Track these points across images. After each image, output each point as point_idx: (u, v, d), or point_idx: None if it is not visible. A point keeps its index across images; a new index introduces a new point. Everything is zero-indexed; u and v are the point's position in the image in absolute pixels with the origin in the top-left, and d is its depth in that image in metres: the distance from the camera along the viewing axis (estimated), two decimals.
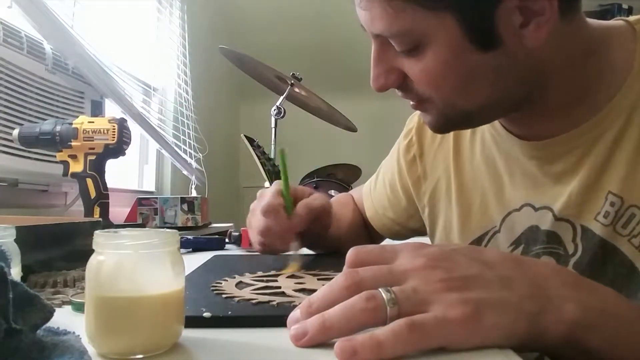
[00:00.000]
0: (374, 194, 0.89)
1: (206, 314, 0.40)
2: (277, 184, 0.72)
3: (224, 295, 0.46)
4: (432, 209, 0.76)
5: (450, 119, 0.58)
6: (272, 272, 0.58)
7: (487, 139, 0.68)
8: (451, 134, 0.73)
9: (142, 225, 1.21)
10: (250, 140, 1.72)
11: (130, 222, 1.26)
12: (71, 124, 0.99)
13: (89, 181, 0.99)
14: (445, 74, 0.52)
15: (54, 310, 0.31)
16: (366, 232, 0.92)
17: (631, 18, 0.58)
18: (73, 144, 0.98)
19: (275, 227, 0.69)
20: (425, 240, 0.78)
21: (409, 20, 0.50)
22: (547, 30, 0.50)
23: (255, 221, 0.72)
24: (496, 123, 0.65)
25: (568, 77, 0.56)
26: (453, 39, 0.50)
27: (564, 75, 0.55)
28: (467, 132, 0.71)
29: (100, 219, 0.94)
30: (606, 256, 0.55)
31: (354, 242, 0.64)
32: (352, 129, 2.11)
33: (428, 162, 0.76)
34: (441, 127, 0.61)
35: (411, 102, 0.59)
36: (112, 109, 1.54)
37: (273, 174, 1.72)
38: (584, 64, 0.56)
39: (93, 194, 0.99)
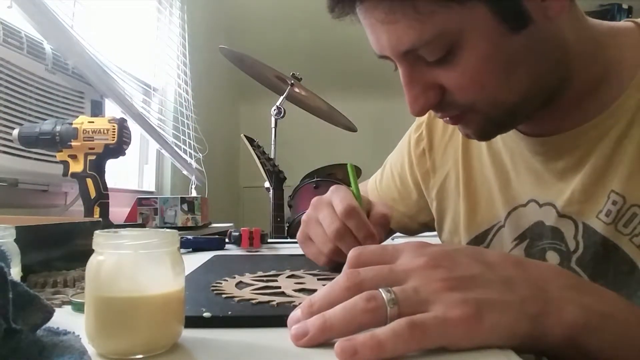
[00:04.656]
0: (381, 188, 0.88)
1: (206, 314, 0.39)
2: (345, 192, 0.63)
3: (224, 295, 0.46)
4: (440, 202, 0.76)
5: (494, 121, 0.56)
6: (272, 272, 0.58)
7: None
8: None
9: (142, 225, 1.21)
10: (250, 140, 1.72)
11: (130, 222, 1.26)
12: (71, 124, 0.99)
13: (89, 181, 0.99)
14: (487, 68, 0.51)
15: (54, 310, 0.31)
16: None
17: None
18: (73, 144, 0.98)
19: (358, 230, 0.58)
20: (435, 239, 0.78)
21: (440, 22, 0.48)
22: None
23: (327, 226, 0.60)
24: None
25: (584, 68, 0.55)
26: (488, 27, 0.49)
27: (581, 65, 0.55)
28: None
29: (100, 219, 0.94)
30: (607, 254, 0.56)
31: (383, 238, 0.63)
32: (352, 129, 2.11)
33: (437, 157, 0.76)
34: (487, 132, 0.58)
35: (448, 119, 0.57)
36: (112, 109, 1.54)
37: (273, 174, 1.72)
38: (595, 58, 0.56)
39: (93, 194, 0.99)
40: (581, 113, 0.57)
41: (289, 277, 0.56)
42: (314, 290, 0.47)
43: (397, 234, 0.92)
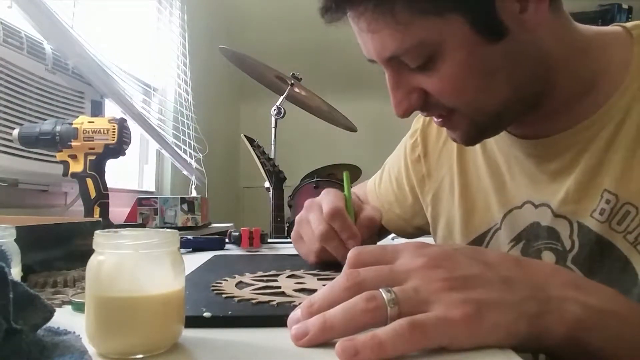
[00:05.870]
0: (379, 189, 0.89)
1: (206, 314, 0.40)
2: (335, 195, 0.66)
3: (224, 295, 0.46)
4: (435, 207, 0.77)
5: (480, 126, 0.58)
6: (272, 272, 0.58)
7: (488, 139, 0.69)
8: None
9: (142, 225, 1.21)
10: (250, 140, 1.72)
11: (130, 222, 1.26)
12: (71, 124, 0.99)
13: (89, 181, 0.99)
14: (465, 75, 0.53)
15: (54, 310, 0.31)
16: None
17: (627, 24, 0.60)
18: (73, 144, 0.98)
19: (342, 231, 0.62)
20: (429, 240, 0.79)
21: (419, 31, 0.51)
22: (543, 12, 0.52)
23: (315, 227, 0.64)
24: None
25: (569, 74, 0.57)
26: (465, 38, 0.51)
27: (567, 71, 0.57)
28: None
29: (100, 219, 0.94)
30: (602, 252, 0.57)
31: (369, 240, 0.66)
32: (352, 129, 2.11)
33: (432, 162, 0.78)
34: (472, 137, 0.60)
35: (437, 120, 0.60)
36: (112, 109, 1.54)
37: (273, 174, 1.72)
38: (582, 63, 0.57)
39: (93, 194, 0.99)
40: (572, 115, 0.58)
41: (289, 277, 0.56)
42: (314, 290, 0.47)
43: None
